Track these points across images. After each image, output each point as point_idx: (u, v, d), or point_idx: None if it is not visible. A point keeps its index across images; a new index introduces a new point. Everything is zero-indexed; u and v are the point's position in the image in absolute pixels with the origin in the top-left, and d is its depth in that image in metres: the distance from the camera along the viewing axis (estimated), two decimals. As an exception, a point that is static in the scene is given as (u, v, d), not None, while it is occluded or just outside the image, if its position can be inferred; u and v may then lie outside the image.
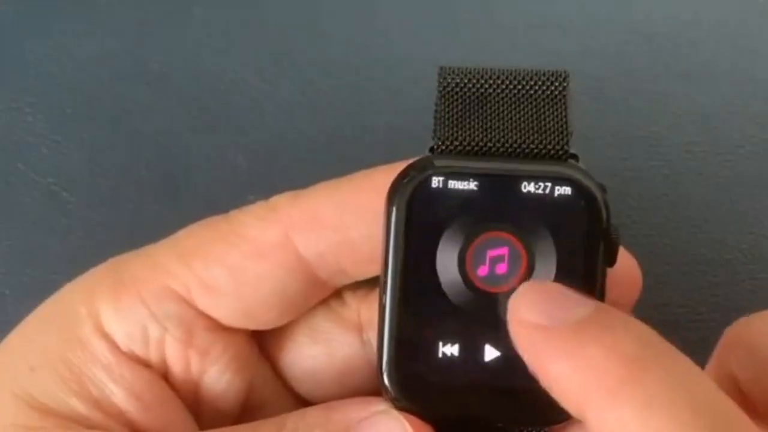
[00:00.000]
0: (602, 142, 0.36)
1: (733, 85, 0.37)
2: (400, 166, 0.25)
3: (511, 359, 0.24)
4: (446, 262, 0.25)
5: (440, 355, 0.25)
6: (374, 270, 0.26)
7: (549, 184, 0.24)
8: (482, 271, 0.25)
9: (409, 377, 0.25)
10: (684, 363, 0.21)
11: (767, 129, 0.36)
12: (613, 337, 0.21)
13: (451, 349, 0.25)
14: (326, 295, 0.29)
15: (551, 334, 0.22)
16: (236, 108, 0.37)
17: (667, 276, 0.35)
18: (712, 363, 0.25)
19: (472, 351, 0.25)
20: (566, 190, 0.24)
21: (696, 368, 0.21)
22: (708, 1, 0.37)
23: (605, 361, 0.21)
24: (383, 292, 0.25)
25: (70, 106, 0.38)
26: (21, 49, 0.38)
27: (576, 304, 0.22)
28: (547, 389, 0.22)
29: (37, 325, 0.28)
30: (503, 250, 0.25)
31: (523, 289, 0.23)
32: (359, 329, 0.29)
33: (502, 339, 0.24)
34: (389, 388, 0.25)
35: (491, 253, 0.25)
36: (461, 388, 0.25)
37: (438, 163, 0.25)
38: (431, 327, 0.25)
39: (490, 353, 0.25)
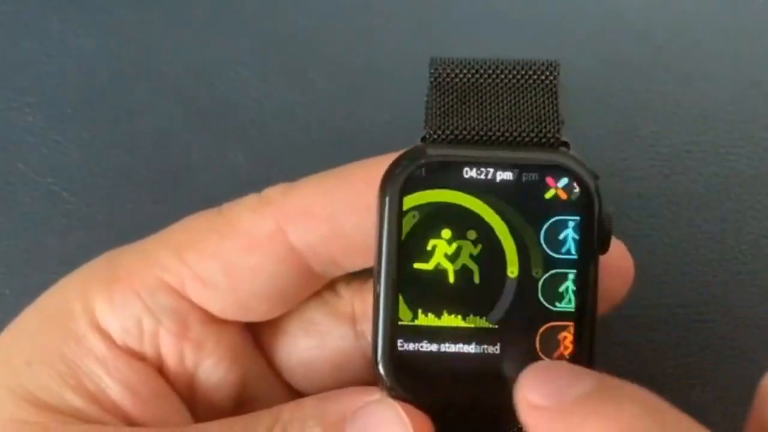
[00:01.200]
0: (602, 142, 0.36)
1: (733, 85, 0.37)
2: (391, 157, 0.25)
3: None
4: None
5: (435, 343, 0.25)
6: (366, 261, 0.27)
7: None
8: None
9: (404, 366, 0.25)
10: (690, 428, 0.21)
11: (767, 129, 0.36)
12: (615, 409, 0.21)
13: None
14: (319, 287, 0.29)
15: (554, 414, 0.22)
16: (236, 108, 0.37)
17: (667, 276, 0.35)
18: (752, 418, 0.25)
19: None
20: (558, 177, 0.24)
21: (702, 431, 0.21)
22: (708, 1, 0.37)
23: None
24: (377, 281, 0.25)
25: (70, 106, 0.38)
26: (20, 49, 0.38)
27: (579, 380, 0.22)
28: None
29: (33, 321, 0.28)
30: None
31: (530, 370, 0.23)
32: (353, 321, 0.29)
33: None
34: (384, 378, 0.25)
35: None
36: (456, 376, 0.25)
37: (430, 152, 0.25)
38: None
39: None
